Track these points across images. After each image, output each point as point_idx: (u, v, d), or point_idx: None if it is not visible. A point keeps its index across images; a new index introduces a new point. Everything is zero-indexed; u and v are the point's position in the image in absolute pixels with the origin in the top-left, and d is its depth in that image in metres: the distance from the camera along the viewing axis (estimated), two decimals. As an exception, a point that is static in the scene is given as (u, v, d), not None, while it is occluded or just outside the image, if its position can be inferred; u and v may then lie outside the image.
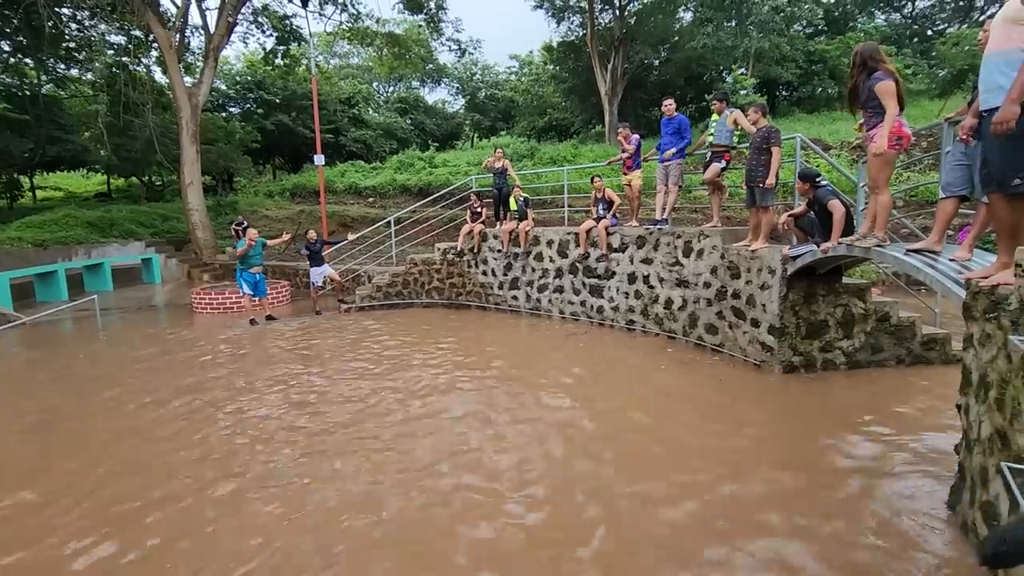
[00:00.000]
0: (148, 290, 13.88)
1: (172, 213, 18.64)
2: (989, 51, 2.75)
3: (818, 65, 22.16)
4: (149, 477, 3.82)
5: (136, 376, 6.27)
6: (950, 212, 3.87)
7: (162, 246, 16.31)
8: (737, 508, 3.24)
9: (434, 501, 3.42)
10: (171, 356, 7.18)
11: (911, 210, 10.91)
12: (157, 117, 17.92)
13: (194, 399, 5.40)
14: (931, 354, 5.75)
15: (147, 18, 14.72)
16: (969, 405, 2.96)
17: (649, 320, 7.48)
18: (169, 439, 4.47)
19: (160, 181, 24.32)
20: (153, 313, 10.92)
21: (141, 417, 5.00)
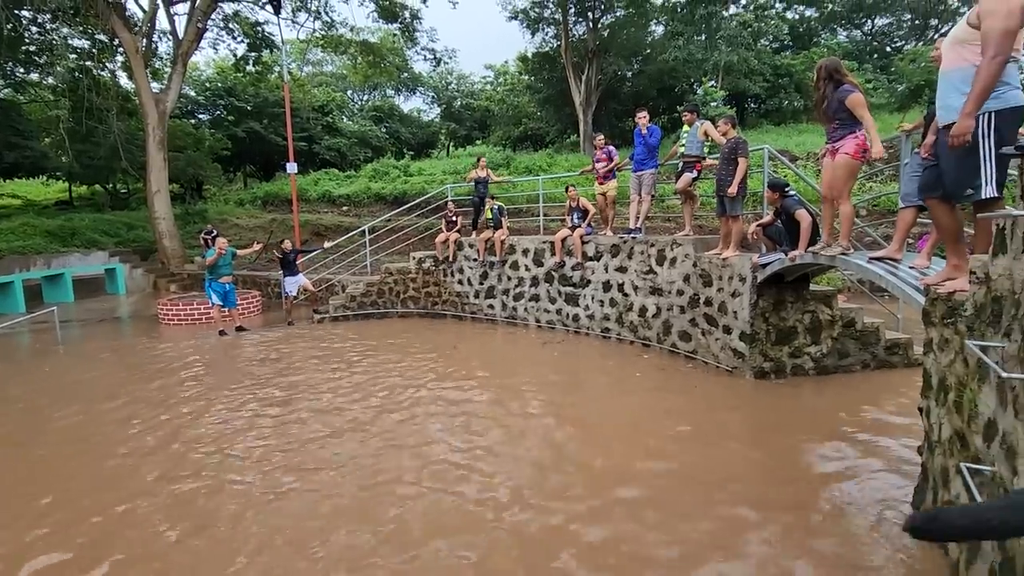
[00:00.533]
0: (112, 301, 13.41)
1: (138, 222, 18.11)
2: (943, 70, 2.88)
3: (784, 79, 22.88)
4: (106, 495, 3.66)
5: (96, 391, 6.03)
6: (909, 221, 4.04)
7: (127, 256, 15.80)
8: (709, 508, 3.27)
9: (409, 510, 3.36)
10: (134, 370, 6.93)
11: (873, 219, 11.29)
12: (122, 123, 17.42)
13: (157, 415, 5.22)
14: (895, 358, 5.93)
15: (112, 22, 14.35)
16: (930, 408, 3.06)
17: (624, 328, 7.55)
18: (130, 455, 4.30)
19: (125, 189, 23.59)
20: (117, 325, 10.55)
21: (99, 434, 4.80)
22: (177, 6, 16.08)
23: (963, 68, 2.73)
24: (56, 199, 24.21)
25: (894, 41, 27.26)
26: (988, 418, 2.33)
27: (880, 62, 24.84)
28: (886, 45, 27.30)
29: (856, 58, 23.48)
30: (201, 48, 17.28)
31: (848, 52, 24.20)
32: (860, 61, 23.48)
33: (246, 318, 10.12)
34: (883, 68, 23.80)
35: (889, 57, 25.15)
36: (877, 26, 27.71)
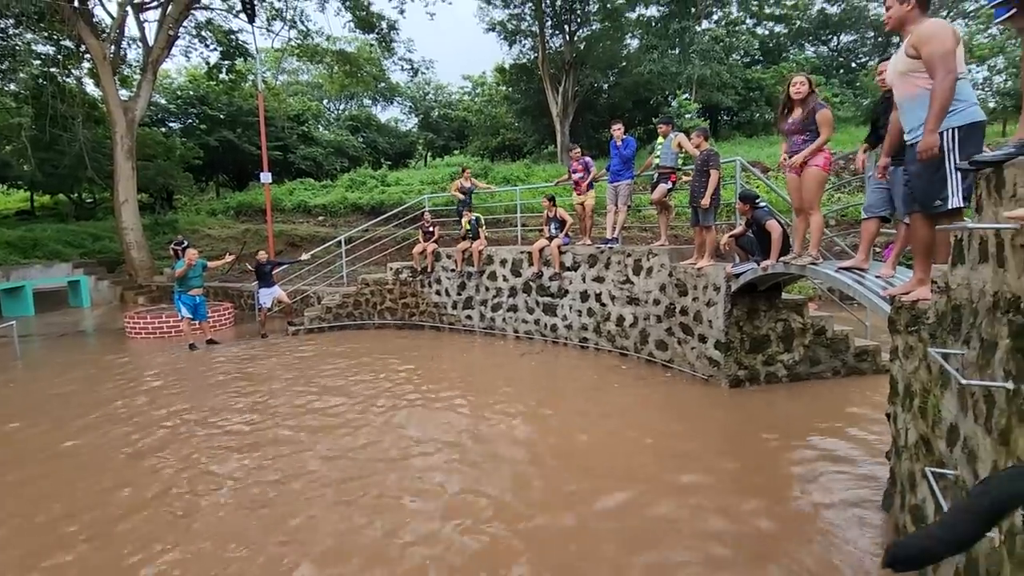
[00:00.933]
0: (75, 315, 12.96)
1: (104, 232, 17.59)
2: (900, 100, 3.06)
3: (755, 92, 23.54)
4: (63, 517, 3.50)
5: (53, 409, 5.79)
6: (873, 231, 4.19)
7: (92, 267, 15.29)
8: (685, 516, 3.28)
9: (383, 529, 3.29)
10: (96, 385, 6.68)
11: (842, 229, 11.61)
12: (89, 131, 16.92)
13: (120, 431, 5.03)
14: (864, 365, 6.08)
15: (78, 28, 13.99)
16: (897, 413, 3.13)
17: (602, 337, 7.58)
18: (93, 474, 4.13)
19: (91, 198, 22.93)
20: (80, 339, 10.19)
21: (58, 452, 4.60)
22: (147, 13, 15.79)
23: (917, 95, 2.88)
24: (17, 209, 23.40)
25: (858, 57, 28.30)
26: (951, 423, 2.40)
27: (846, 77, 25.75)
28: (851, 61, 28.33)
29: (823, 73, 24.30)
30: (172, 55, 16.95)
31: (816, 67, 25.02)
32: (827, 76, 24.30)
33: (218, 331, 9.87)
34: (848, 83, 24.68)
35: (854, 72, 26.09)
36: (842, 43, 28.75)
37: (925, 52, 2.71)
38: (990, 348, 1.97)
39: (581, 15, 22.78)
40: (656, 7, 22.84)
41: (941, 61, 2.65)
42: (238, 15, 16.72)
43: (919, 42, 2.75)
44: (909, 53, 2.83)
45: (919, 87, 2.86)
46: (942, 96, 2.65)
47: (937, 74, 2.65)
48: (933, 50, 2.68)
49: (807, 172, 4.42)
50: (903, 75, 2.95)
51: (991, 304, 1.98)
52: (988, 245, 2.01)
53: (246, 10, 14.20)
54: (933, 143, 2.75)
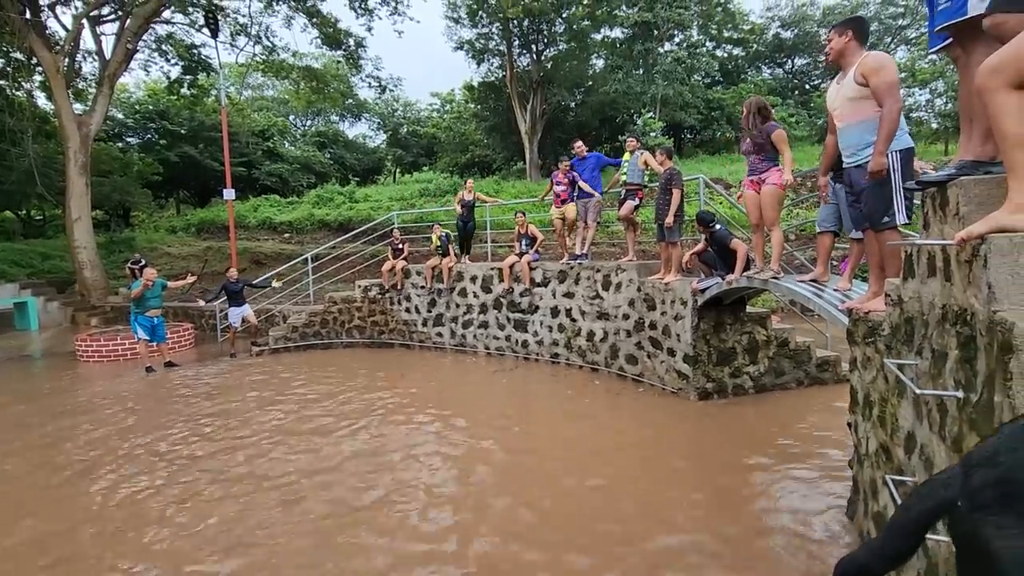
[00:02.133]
0: (22, 338, 12.28)
1: (55, 251, 16.81)
2: (844, 125, 3.25)
3: (717, 111, 24.38)
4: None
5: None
6: (828, 245, 4.42)
7: (41, 288, 14.53)
8: (654, 526, 3.28)
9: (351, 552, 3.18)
10: (40, 413, 6.31)
11: (801, 243, 12.04)
12: (39, 146, 16.21)
13: (57, 465, 4.75)
14: (825, 375, 6.27)
15: (30, 40, 13.48)
16: (858, 422, 3.23)
17: (573, 353, 7.61)
18: (34, 512, 3.87)
19: (41, 216, 21.93)
20: (26, 364, 9.64)
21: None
22: (104, 26, 15.35)
23: (866, 120, 3.07)
24: (-41, 227, 22.15)
25: (812, 79, 29.70)
26: (908, 431, 2.48)
27: (801, 98, 26.95)
28: (805, 83, 29.70)
29: (779, 94, 25.38)
30: (131, 69, 16.47)
31: (772, 88, 26.15)
32: (783, 96, 25.38)
33: (177, 352, 9.50)
34: (803, 103, 25.82)
35: (808, 93, 27.34)
36: (797, 65, 30.15)
37: (874, 81, 2.92)
38: (941, 358, 2.06)
39: (548, 35, 23.25)
40: (620, 29, 23.52)
41: (889, 90, 2.88)
42: (200, 30, 16.39)
43: (868, 72, 2.95)
44: (859, 81, 3.02)
45: (868, 113, 3.06)
46: (891, 121, 2.86)
47: (886, 102, 2.87)
48: (882, 80, 2.90)
49: (764, 190, 4.59)
50: (853, 101, 3.13)
51: (940, 316, 2.07)
52: (936, 260, 2.11)
53: (209, 25, 13.94)
54: (883, 164, 2.96)
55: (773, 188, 4.52)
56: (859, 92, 3.05)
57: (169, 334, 9.27)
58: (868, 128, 3.05)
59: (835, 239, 4.49)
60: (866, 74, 2.96)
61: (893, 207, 3.04)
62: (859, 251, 4.12)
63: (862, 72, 2.98)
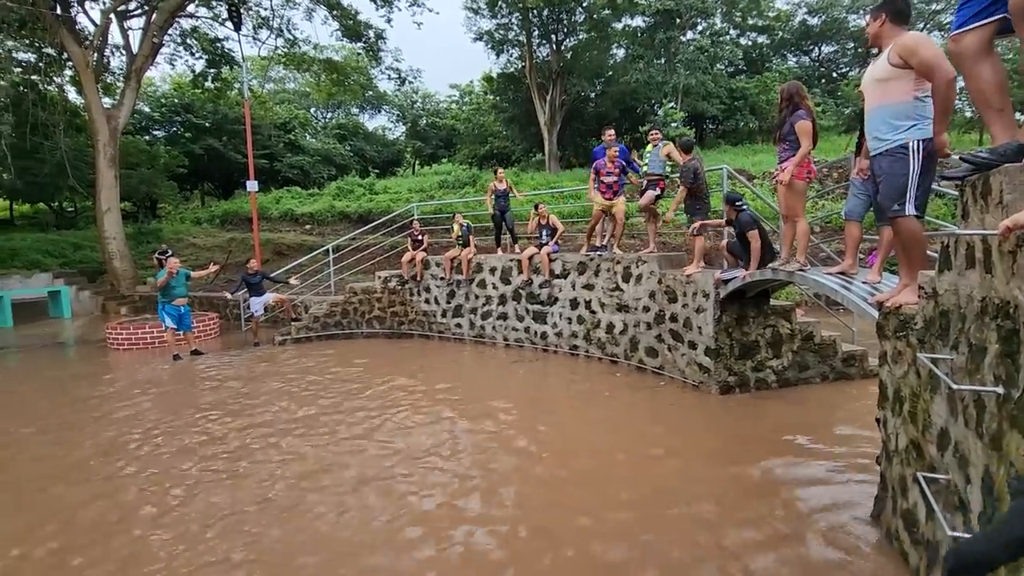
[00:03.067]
0: (55, 326, 12.68)
1: (86, 241, 17.28)
2: (871, 107, 3.11)
3: (740, 101, 23.89)
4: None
5: (27, 422, 5.63)
6: (856, 236, 4.31)
7: (73, 277, 14.99)
8: (678, 526, 3.26)
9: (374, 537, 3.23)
10: (74, 398, 6.52)
11: (827, 235, 11.78)
12: (70, 139, 16.67)
13: (93, 445, 4.91)
14: (851, 370, 6.13)
15: (61, 36, 13.81)
16: (887, 418, 3.15)
17: (592, 345, 7.58)
18: (70, 494, 4.01)
19: (73, 207, 22.55)
20: (60, 351, 9.95)
21: (24, 467, 4.47)
22: (131, 20, 15.64)
23: (892, 104, 2.96)
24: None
25: (840, 67, 28.90)
26: (941, 428, 2.42)
27: (828, 87, 26.26)
28: (832, 71, 28.92)
29: (806, 82, 24.65)
30: (156, 63, 16.77)
31: (798, 76, 25.49)
32: (809, 85, 24.71)
33: (203, 341, 9.71)
34: (831, 92, 25.15)
35: (836, 82, 26.62)
36: (824, 53, 29.35)
37: (916, 61, 2.78)
38: (979, 353, 1.99)
39: (568, 25, 22.98)
40: (641, 18, 23.14)
41: (934, 64, 2.71)
42: (224, 23, 16.60)
43: (907, 52, 2.81)
44: (893, 61, 2.90)
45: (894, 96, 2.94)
46: (946, 97, 2.70)
47: (935, 76, 2.70)
48: (923, 56, 2.75)
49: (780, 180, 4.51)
50: (882, 82, 3.01)
51: (979, 309, 2.00)
52: (975, 251, 2.04)
53: (232, 19, 14.12)
54: (946, 142, 2.84)
55: (792, 180, 4.43)
56: (890, 73, 2.93)
57: (195, 323, 9.48)
58: (894, 112, 2.94)
59: (863, 230, 4.37)
60: (904, 55, 2.82)
61: (905, 196, 2.94)
62: (889, 242, 4.00)
63: (898, 53, 2.84)
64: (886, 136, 3.00)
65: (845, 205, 4.40)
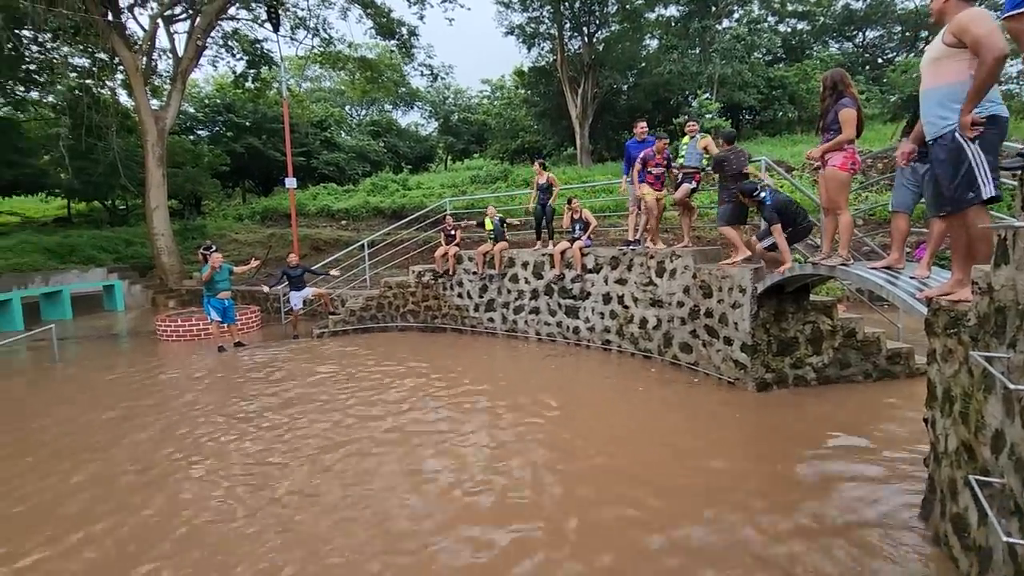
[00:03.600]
0: (110, 318, 13.36)
1: (136, 238, 18.10)
2: (925, 89, 2.97)
3: (778, 90, 23.15)
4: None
5: (88, 406, 5.98)
6: (903, 229, 4.13)
7: (125, 272, 15.76)
8: (714, 526, 3.23)
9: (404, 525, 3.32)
10: (129, 387, 6.88)
11: (870, 228, 11.34)
12: (122, 140, 17.48)
13: (151, 428, 5.17)
14: (896, 368, 5.92)
15: (112, 41, 14.47)
16: (936, 419, 3.05)
17: (625, 340, 7.53)
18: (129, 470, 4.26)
19: (124, 205, 23.63)
20: (115, 342, 10.49)
21: (89, 447, 4.75)
22: (177, 24, 16.25)
23: (946, 85, 2.82)
24: (55, 216, 24.25)
25: (885, 53, 27.65)
26: (996, 429, 2.33)
27: (872, 73, 25.17)
28: (877, 57, 27.69)
29: (849, 69, 23.61)
30: (200, 65, 17.40)
31: (840, 63, 24.50)
32: (853, 73, 23.74)
33: (245, 333, 10.08)
34: (875, 79, 24.11)
35: (881, 68, 25.49)
36: (868, 38, 28.13)
37: (969, 38, 2.65)
38: (1038, 351, 1.91)
39: (600, 17, 22.70)
40: (676, 7, 22.66)
41: (985, 39, 2.58)
42: (263, 24, 17.09)
43: (960, 29, 2.68)
44: (946, 40, 2.76)
45: (949, 77, 2.80)
46: (986, 75, 2.57)
47: (982, 51, 2.58)
48: (975, 31, 2.62)
49: (825, 173, 4.35)
50: (936, 62, 2.88)
51: (1039, 306, 1.92)
52: (1035, 245, 1.95)
53: (271, 20, 14.53)
54: (964, 123, 2.71)
55: (833, 170, 4.27)
56: (943, 52, 2.79)
57: (238, 316, 9.84)
58: (949, 94, 2.80)
59: (910, 222, 4.19)
60: (957, 32, 2.68)
61: (977, 180, 2.76)
62: (939, 235, 3.83)
63: (952, 31, 2.71)
64: (941, 120, 2.85)
65: (892, 197, 4.22)
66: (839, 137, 4.17)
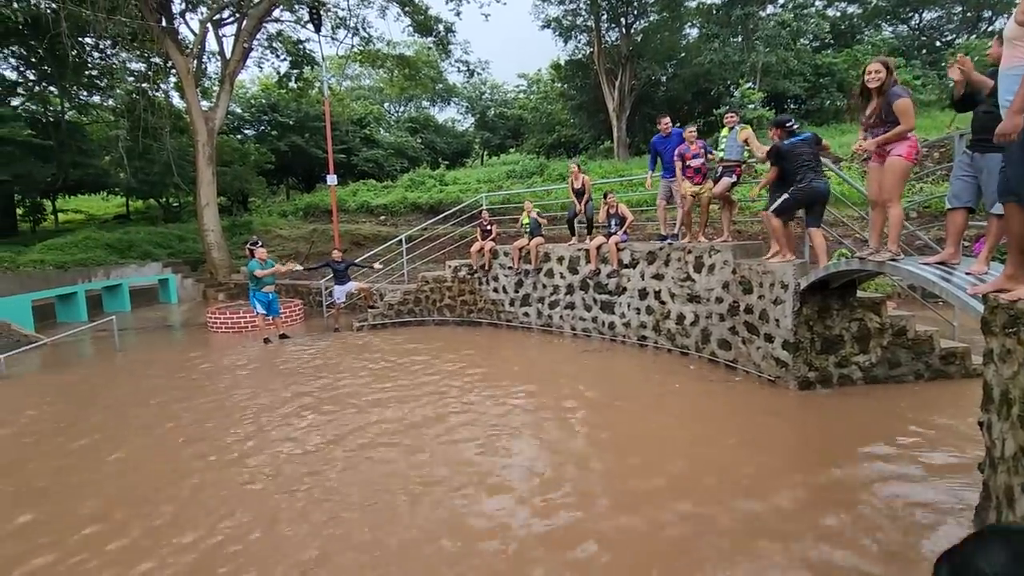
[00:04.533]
0: (165, 310, 14.10)
1: (188, 234, 18.99)
2: (1001, 69, 2.80)
3: (826, 78, 22.17)
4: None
5: (145, 393, 6.35)
6: (960, 224, 3.90)
7: (178, 266, 16.60)
8: (756, 527, 3.19)
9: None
10: (185, 375, 7.27)
11: (924, 221, 10.79)
12: (175, 140, 18.35)
13: (204, 414, 5.46)
14: (951, 368, 5.64)
15: (166, 45, 15.18)
16: (992, 422, 2.91)
17: (661, 336, 7.44)
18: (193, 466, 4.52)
19: (177, 202, 24.83)
20: (169, 333, 11.07)
21: (160, 438, 5.06)
22: (225, 28, 16.90)
23: (1019, 67, 2.62)
24: (115, 213, 25.72)
25: (944, 35, 26.09)
26: (1056, 434, 2.21)
27: (929, 57, 23.80)
28: (935, 40, 26.15)
29: (903, 54, 22.56)
30: (247, 67, 18.08)
31: (894, 48, 23.28)
32: (908, 57, 22.53)
33: (289, 326, 10.46)
34: (932, 64, 22.78)
35: (939, 52, 24.07)
36: (925, 20, 26.58)
37: None
38: (1103, 352, 1.81)
39: (638, 7, 22.29)
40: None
41: None
42: (305, 25, 17.55)
43: None
44: (1019, 19, 2.57)
45: (1015, 61, 2.63)
46: None
47: None
48: None
49: (889, 162, 4.14)
50: (1009, 43, 2.69)
51: (1105, 304, 1.81)
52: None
53: (313, 20, 14.91)
54: (1014, 127, 2.51)
55: (899, 160, 4.06)
56: (1017, 32, 2.59)
57: (282, 309, 10.22)
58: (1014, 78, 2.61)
59: (968, 217, 3.96)
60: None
61: None
62: (999, 229, 3.61)
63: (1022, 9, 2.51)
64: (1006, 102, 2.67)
65: (949, 189, 3.99)
66: (900, 127, 3.97)
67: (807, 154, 5.33)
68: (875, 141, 4.12)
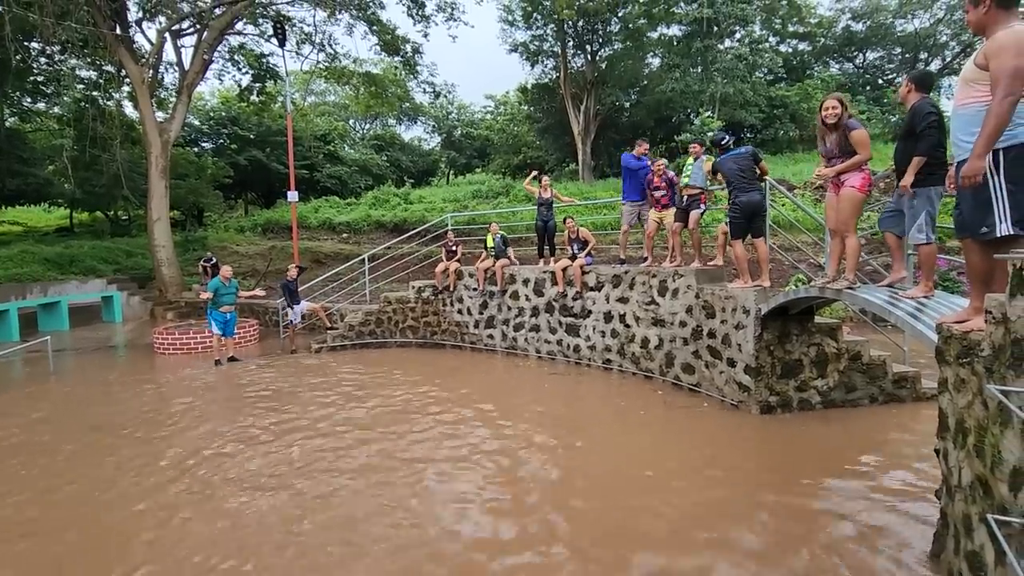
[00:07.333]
0: (107, 329, 13.28)
1: (137, 249, 18.11)
2: (955, 108, 2.87)
3: (780, 109, 23.31)
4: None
5: (76, 421, 5.88)
6: (896, 244, 4.29)
7: (125, 283, 15.72)
8: (715, 555, 3.12)
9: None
10: (119, 403, 6.78)
11: (873, 247, 11.30)
12: (126, 152, 17.55)
13: (139, 445, 5.07)
14: (903, 392, 5.82)
15: (120, 54, 14.60)
16: (948, 450, 2.95)
17: (626, 359, 7.44)
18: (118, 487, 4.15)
19: (126, 216, 23.71)
20: (110, 355, 10.40)
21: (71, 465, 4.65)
22: (184, 39, 16.42)
23: (973, 107, 2.71)
24: (57, 226, 24.30)
25: (886, 74, 27.89)
26: (1013, 466, 2.23)
27: (873, 94, 25.36)
28: (878, 78, 27.93)
29: (849, 90, 24.03)
30: (206, 79, 17.57)
31: (841, 84, 24.76)
32: (853, 93, 23.98)
33: (243, 347, 9.99)
34: (875, 100, 24.27)
35: (881, 89, 25.70)
36: (868, 59, 28.40)
37: (993, 66, 2.47)
38: (1060, 388, 1.84)
39: (603, 35, 22.98)
40: (678, 27, 22.93)
41: (1007, 80, 2.38)
42: (269, 39, 17.25)
43: (990, 52, 2.50)
44: (978, 62, 2.60)
45: (977, 100, 2.67)
46: (996, 119, 2.43)
47: (998, 93, 2.41)
48: (1001, 65, 2.41)
49: (843, 193, 4.29)
50: (966, 83, 2.74)
51: (1060, 341, 1.84)
52: (1055, 277, 1.88)
53: (277, 35, 14.64)
54: (978, 169, 2.55)
55: (852, 191, 4.23)
56: (975, 74, 2.62)
57: (237, 330, 9.76)
58: (974, 118, 2.64)
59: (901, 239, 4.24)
60: (988, 54, 2.49)
61: (992, 215, 2.62)
62: (929, 258, 3.82)
63: (984, 51, 2.52)
64: (964, 143, 2.70)
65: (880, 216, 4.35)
66: (857, 158, 4.18)
67: (735, 169, 5.63)
68: (833, 169, 4.27)
